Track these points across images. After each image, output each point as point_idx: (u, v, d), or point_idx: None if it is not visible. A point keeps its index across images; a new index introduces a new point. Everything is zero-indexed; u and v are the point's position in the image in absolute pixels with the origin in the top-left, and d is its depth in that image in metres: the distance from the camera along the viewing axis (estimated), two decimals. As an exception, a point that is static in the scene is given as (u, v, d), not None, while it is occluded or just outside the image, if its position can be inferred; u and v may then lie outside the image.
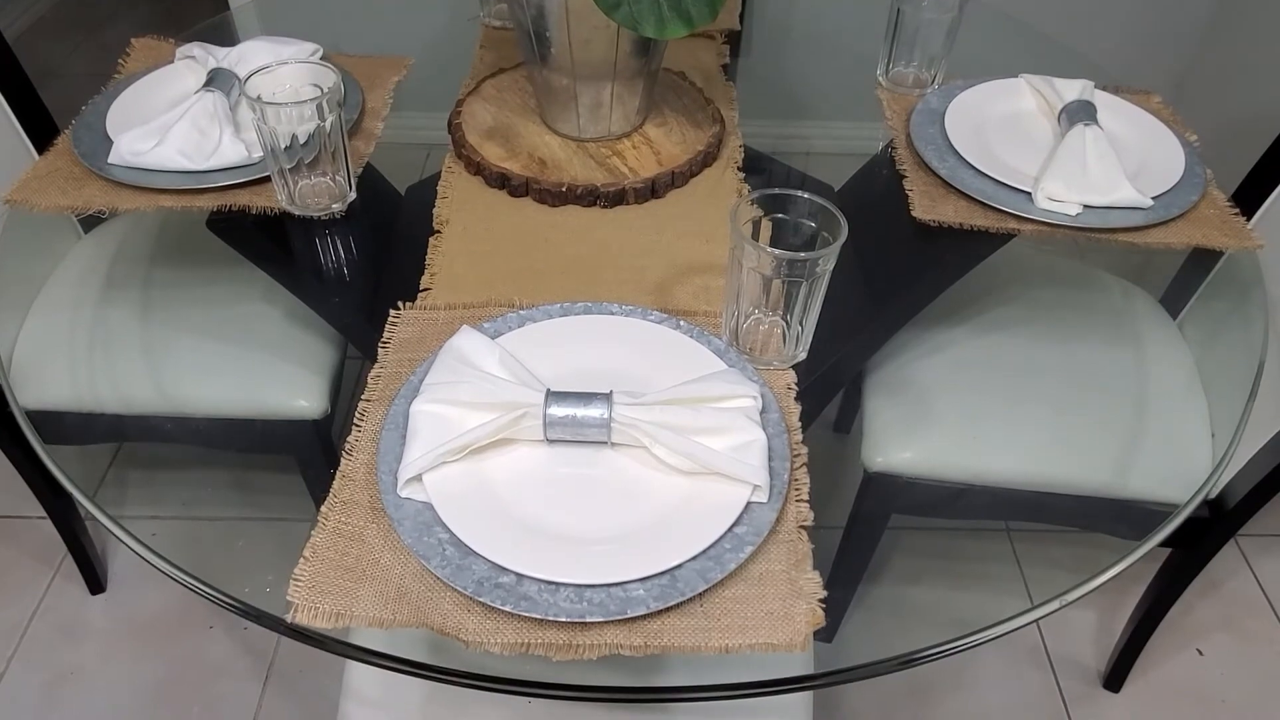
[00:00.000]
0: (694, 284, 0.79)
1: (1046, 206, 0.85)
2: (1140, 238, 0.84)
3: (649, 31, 0.75)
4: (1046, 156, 0.90)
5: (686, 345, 0.71)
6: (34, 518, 1.40)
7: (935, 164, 0.90)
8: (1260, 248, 0.85)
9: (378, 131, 0.96)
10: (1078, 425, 0.92)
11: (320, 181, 0.85)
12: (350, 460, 0.64)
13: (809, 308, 0.68)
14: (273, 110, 0.78)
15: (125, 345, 0.98)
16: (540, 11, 0.83)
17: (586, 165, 0.90)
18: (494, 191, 0.90)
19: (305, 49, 1.01)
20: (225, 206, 0.85)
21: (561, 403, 0.62)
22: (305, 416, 0.96)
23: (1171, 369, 0.99)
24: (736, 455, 0.60)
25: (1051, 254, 1.14)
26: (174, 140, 0.86)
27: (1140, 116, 0.97)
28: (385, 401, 0.68)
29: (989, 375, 0.96)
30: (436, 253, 0.83)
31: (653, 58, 0.89)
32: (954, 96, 0.99)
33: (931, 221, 0.86)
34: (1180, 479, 0.88)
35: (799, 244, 0.69)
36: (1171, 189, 0.87)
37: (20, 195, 0.86)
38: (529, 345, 0.70)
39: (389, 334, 0.74)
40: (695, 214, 0.87)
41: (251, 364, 0.96)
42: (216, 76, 0.93)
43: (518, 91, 1.00)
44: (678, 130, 0.95)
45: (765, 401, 0.65)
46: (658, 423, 0.61)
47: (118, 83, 0.99)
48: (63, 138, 0.92)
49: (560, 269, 0.81)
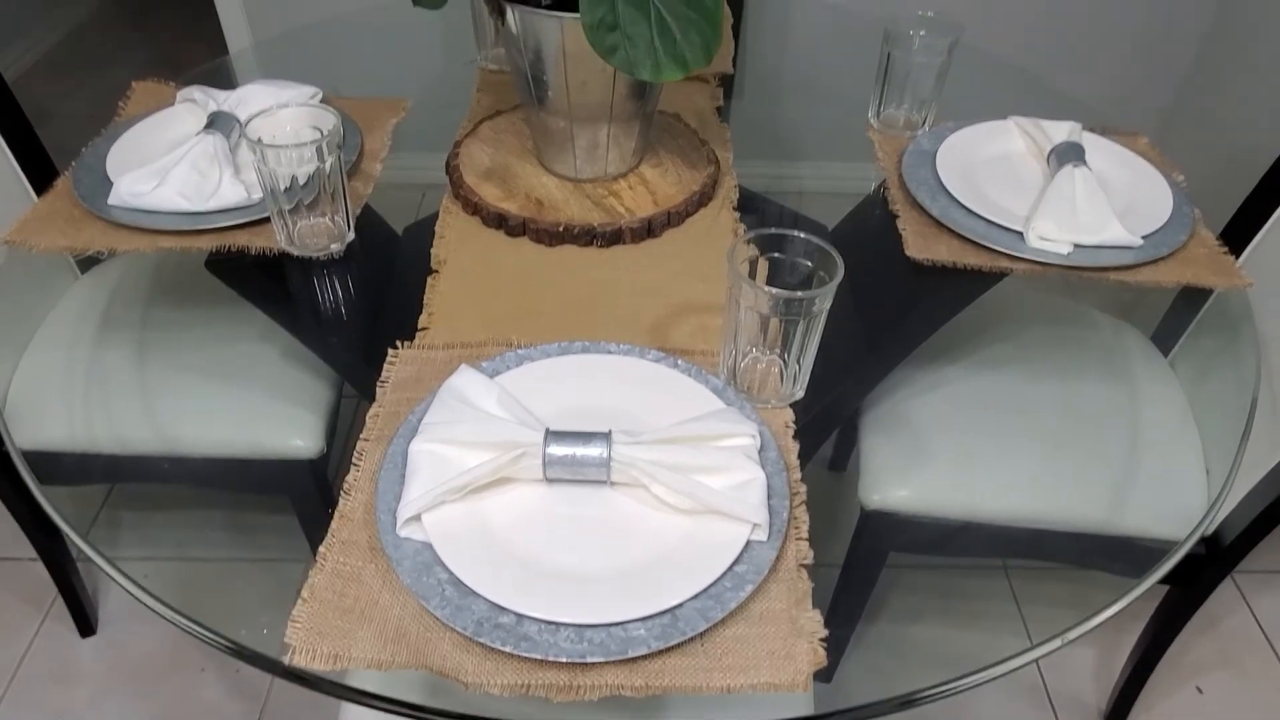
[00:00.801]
0: (691, 323, 0.80)
1: (1038, 245, 0.86)
2: (1131, 276, 0.85)
3: (645, 75, 0.76)
4: (1037, 197, 0.91)
5: (685, 384, 0.71)
6: (24, 559, 1.38)
7: (928, 204, 0.91)
8: (1249, 286, 0.86)
9: (376, 173, 0.97)
10: (1073, 462, 0.92)
11: (319, 222, 0.86)
12: (349, 500, 0.64)
13: (806, 346, 0.69)
14: (273, 152, 0.79)
15: (121, 385, 0.97)
16: (538, 55, 0.85)
17: (583, 205, 0.91)
18: (491, 231, 0.90)
19: (305, 92, 1.02)
20: (224, 247, 0.86)
21: (561, 442, 0.62)
22: (301, 456, 0.95)
23: (1164, 406, 1.00)
24: (736, 494, 0.60)
25: (1043, 292, 1.15)
26: (174, 182, 0.87)
27: (1128, 157, 0.98)
28: (384, 441, 0.68)
29: (984, 412, 0.97)
30: (434, 292, 0.83)
31: (648, 100, 0.91)
32: (944, 138, 1.00)
33: (925, 261, 0.87)
34: (1176, 516, 0.89)
35: (795, 283, 0.69)
36: (1160, 228, 0.88)
37: (19, 236, 0.86)
38: (527, 384, 0.70)
39: (387, 373, 0.74)
40: (692, 253, 0.88)
41: (247, 404, 0.96)
42: (217, 119, 0.94)
43: (515, 133, 1.01)
44: (673, 171, 0.96)
45: (764, 440, 0.66)
46: (657, 462, 0.61)
47: (118, 125, 1.00)
48: (63, 179, 0.92)
49: (558, 308, 0.82)
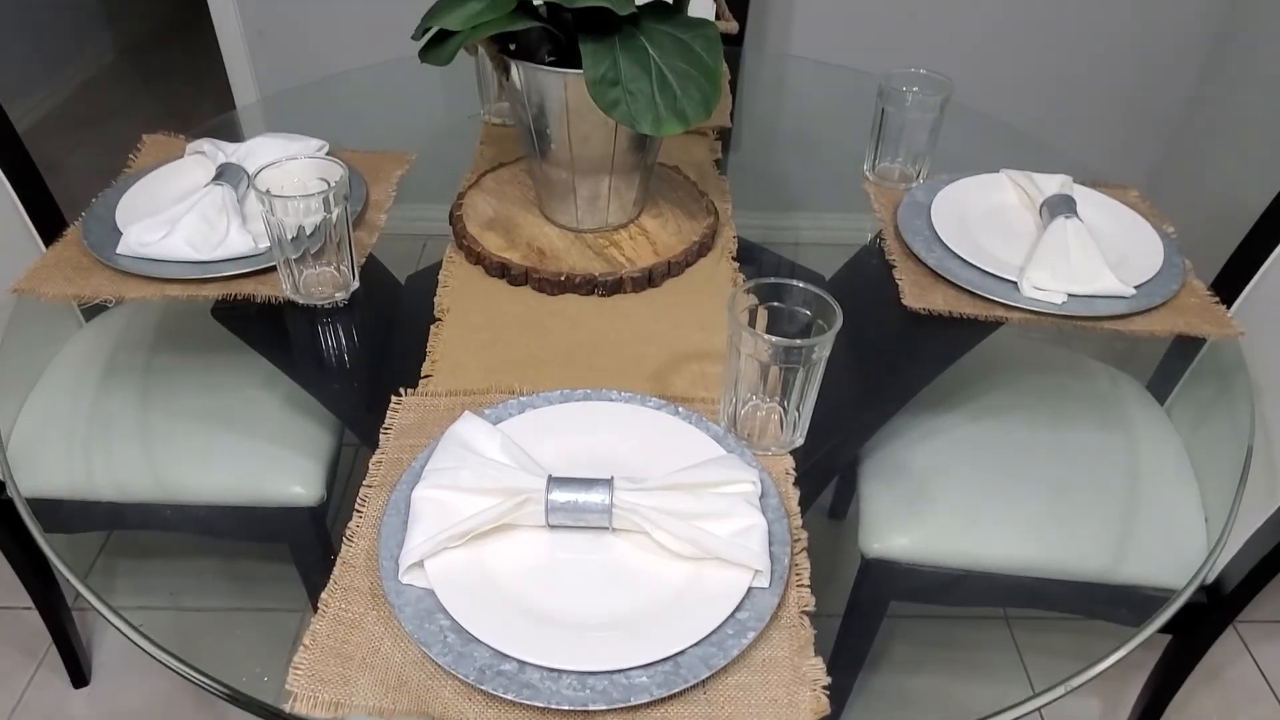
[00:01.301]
0: (692, 371, 0.81)
1: (1032, 295, 0.87)
2: (1124, 325, 0.86)
3: (646, 129, 0.78)
4: (1030, 247, 0.93)
5: (685, 431, 0.72)
6: (19, 608, 1.37)
7: (923, 254, 0.93)
8: (1241, 335, 0.87)
9: (381, 223, 0.98)
10: (1072, 511, 0.93)
11: (325, 271, 0.87)
12: (351, 547, 0.64)
13: (806, 394, 0.70)
14: (280, 203, 0.81)
15: (123, 432, 0.98)
16: (541, 109, 0.87)
17: (585, 255, 0.93)
18: (494, 281, 0.92)
19: (312, 145, 1.04)
20: (230, 295, 0.87)
21: (563, 488, 0.62)
22: (301, 503, 0.95)
23: (1161, 454, 1.00)
24: (737, 540, 0.61)
25: (1038, 341, 1.17)
26: (182, 231, 0.88)
27: (1118, 209, 1.00)
28: (386, 488, 0.68)
29: (982, 461, 0.97)
30: (437, 340, 0.84)
31: (649, 153, 0.93)
32: (939, 190, 1.02)
33: (922, 310, 0.88)
34: (1176, 564, 0.89)
35: (795, 331, 0.70)
36: (1152, 278, 0.90)
37: (28, 284, 0.88)
38: (530, 431, 0.71)
39: (390, 420, 0.75)
40: (692, 302, 0.89)
41: (248, 451, 0.96)
42: (225, 171, 0.96)
43: (517, 184, 1.03)
44: (673, 221, 0.98)
45: (764, 487, 0.66)
46: (659, 508, 0.61)
47: (128, 176, 1.02)
48: (72, 229, 0.94)
49: (560, 356, 0.83)
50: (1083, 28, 1.97)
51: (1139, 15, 1.95)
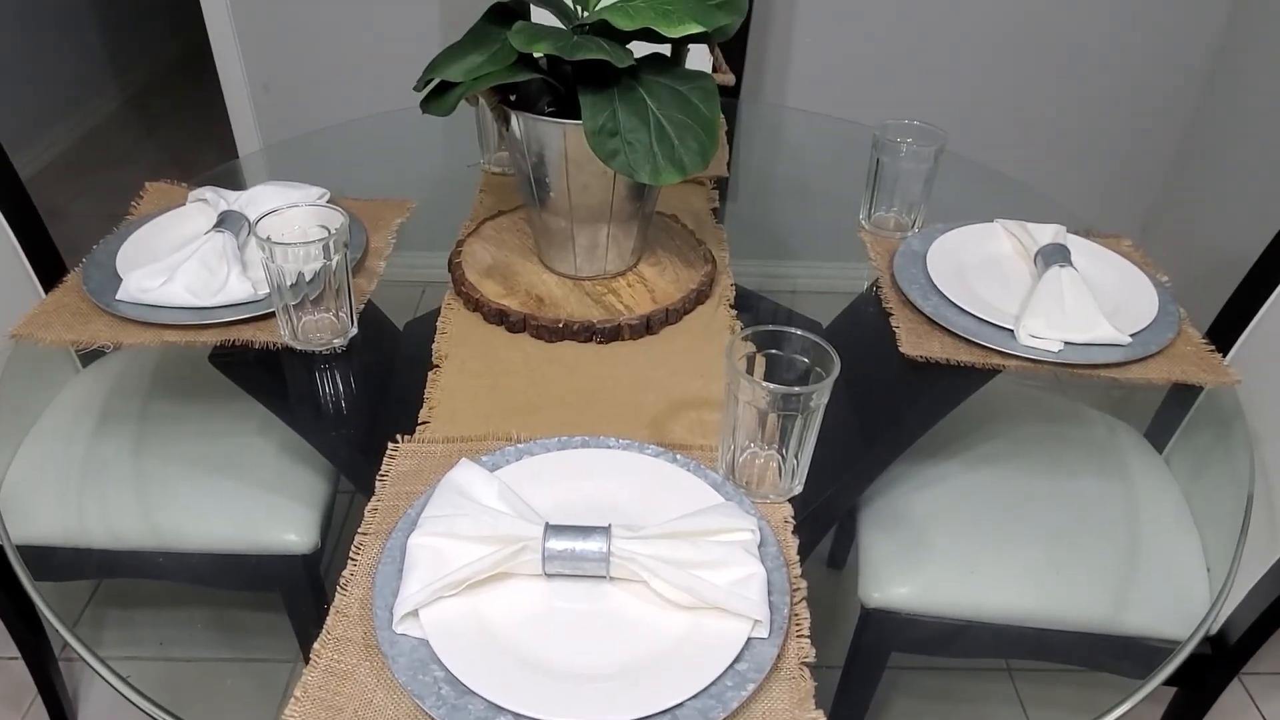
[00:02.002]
0: (690, 418, 0.81)
1: (1029, 343, 0.87)
2: (1121, 373, 0.87)
3: (644, 178, 0.79)
4: (1026, 296, 0.93)
5: (684, 478, 0.71)
6: (3, 658, 1.35)
7: (920, 302, 0.93)
8: (1238, 382, 0.87)
9: (380, 270, 0.99)
10: (1073, 560, 0.92)
11: (323, 317, 0.87)
12: (345, 595, 0.64)
13: (804, 441, 0.70)
14: (281, 249, 0.81)
15: (116, 479, 0.97)
16: (541, 159, 0.88)
17: (583, 302, 0.93)
18: (492, 327, 0.92)
19: (313, 193, 1.05)
20: (228, 341, 0.87)
21: (560, 536, 0.62)
22: (295, 551, 0.94)
23: (1161, 503, 1.00)
24: (736, 589, 0.60)
25: (1035, 389, 1.17)
26: (182, 278, 0.89)
27: (1112, 258, 1.01)
28: (382, 535, 0.68)
29: (982, 509, 0.97)
30: (435, 387, 0.84)
31: (647, 202, 0.94)
32: (934, 239, 1.03)
33: (919, 357, 0.88)
34: (1179, 614, 0.88)
35: (793, 379, 0.70)
36: (1147, 327, 0.90)
37: (26, 330, 0.88)
38: (527, 478, 0.70)
39: (387, 467, 0.74)
40: (690, 350, 0.90)
41: (242, 498, 0.95)
42: (227, 218, 0.97)
43: (516, 232, 1.04)
44: (671, 269, 0.98)
45: (763, 535, 0.66)
46: (657, 556, 0.61)
47: (130, 223, 1.02)
48: (72, 275, 0.94)
49: (558, 403, 0.82)
50: (1072, 80, 2.01)
51: (1128, 67, 1.99)
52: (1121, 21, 1.93)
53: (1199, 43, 1.95)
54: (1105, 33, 1.94)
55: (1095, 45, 1.96)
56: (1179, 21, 1.92)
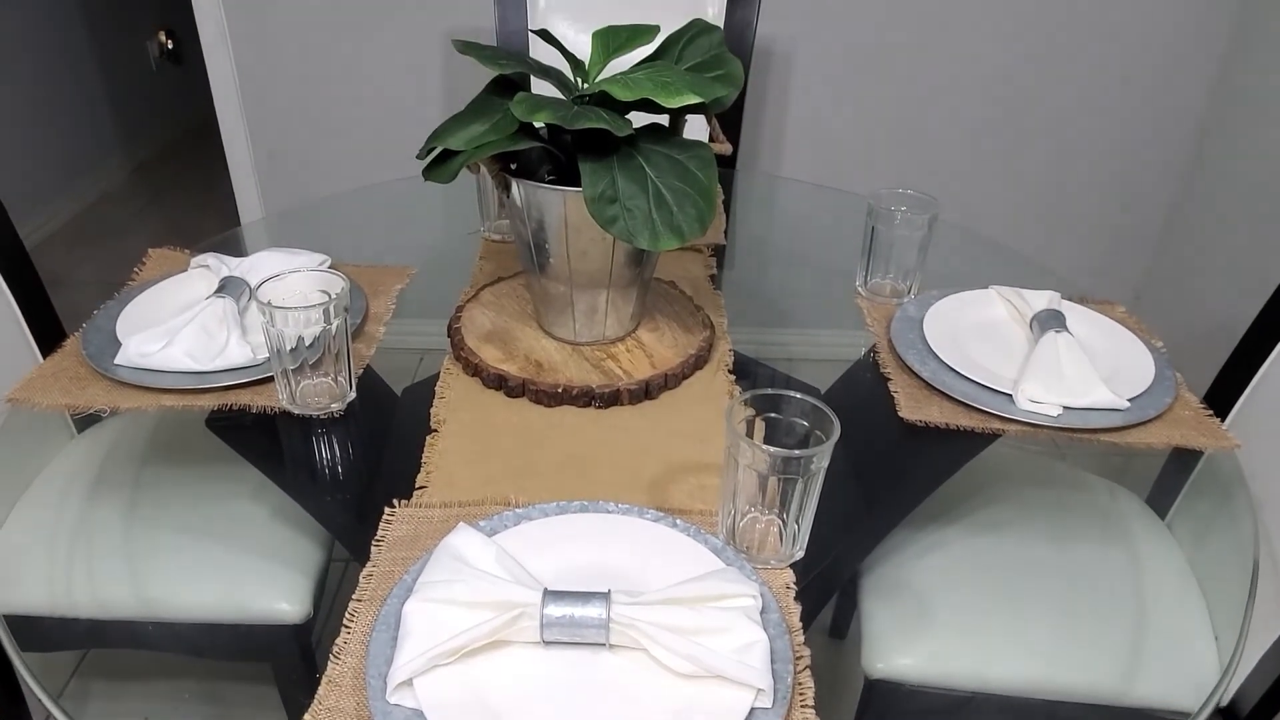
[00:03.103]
0: (689, 483, 0.80)
1: (1028, 407, 0.88)
2: (1120, 438, 0.86)
3: (644, 244, 0.80)
4: (1023, 361, 0.94)
5: (684, 543, 0.70)
6: (-18, 735, 1.30)
7: (918, 367, 0.94)
8: (1238, 447, 0.87)
9: (379, 335, 0.99)
10: (1079, 629, 0.90)
11: (322, 382, 0.87)
12: (337, 664, 0.62)
13: (805, 506, 0.69)
14: (281, 314, 0.81)
15: (107, 546, 0.96)
16: (541, 225, 0.89)
17: (582, 367, 0.93)
18: (491, 392, 0.92)
19: (314, 259, 1.06)
20: (226, 406, 0.87)
21: (559, 602, 0.60)
22: (286, 620, 0.93)
23: (1166, 570, 0.99)
24: (739, 657, 0.59)
25: (1035, 454, 1.16)
26: (182, 342, 0.89)
27: (1107, 324, 1.02)
28: (377, 602, 0.66)
29: (986, 577, 0.95)
30: (433, 451, 0.83)
31: (645, 268, 0.95)
32: (930, 305, 1.04)
33: (918, 422, 0.88)
34: (1190, 684, 0.86)
35: (792, 443, 0.70)
36: (1145, 392, 0.91)
37: (23, 394, 0.87)
38: (525, 544, 0.69)
39: (383, 532, 0.73)
40: (689, 414, 0.89)
41: (234, 565, 0.94)
42: (228, 284, 0.98)
43: (515, 298, 1.05)
44: (670, 335, 0.99)
45: (765, 601, 0.65)
46: (657, 623, 0.60)
47: (131, 288, 1.03)
48: (72, 339, 0.94)
49: (556, 468, 0.82)
50: (1063, 150, 2.05)
51: (1117, 138, 2.03)
52: (1110, 93, 1.98)
53: (1188, 111, 2.00)
54: (1094, 104, 1.99)
55: (1085, 116, 2.01)
56: (1168, 91, 1.97)
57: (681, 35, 0.95)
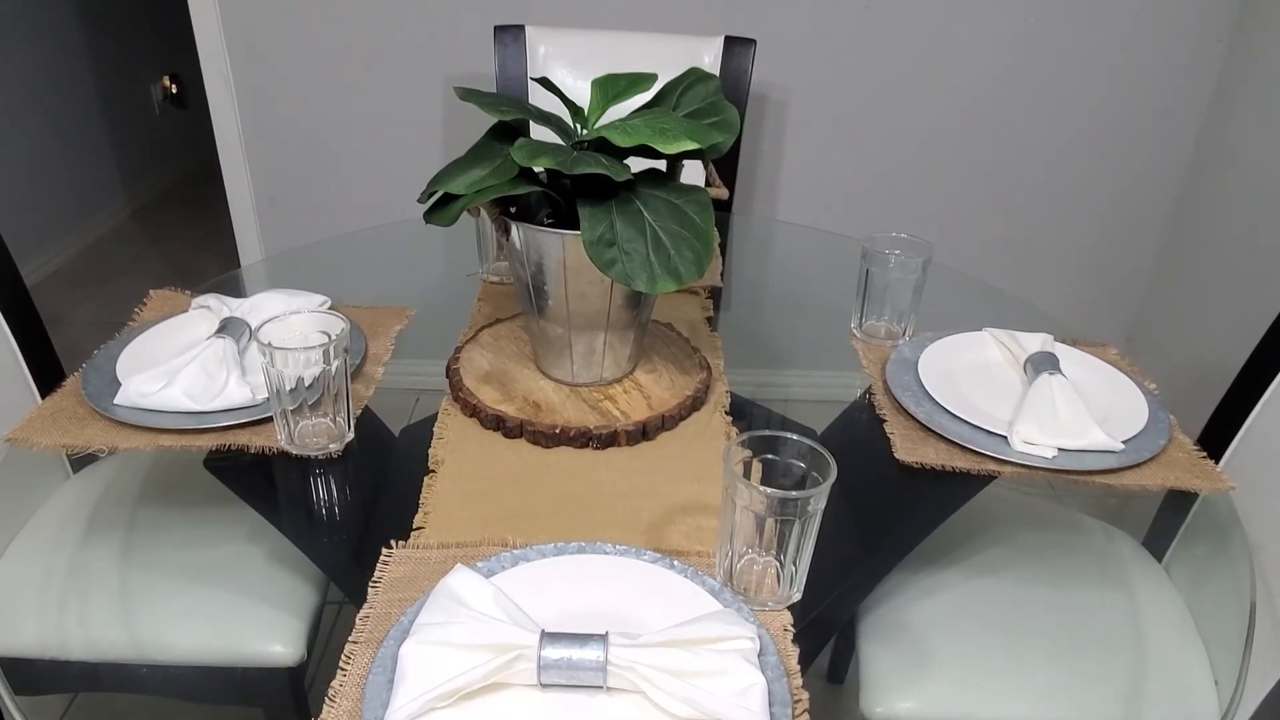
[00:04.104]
0: (686, 524, 0.80)
1: (1023, 449, 0.88)
2: (1115, 479, 0.87)
3: (641, 286, 0.81)
4: (1017, 403, 0.94)
5: (681, 585, 0.70)
6: (-33, 782, 1.28)
7: (913, 409, 0.94)
8: (1232, 489, 0.87)
9: (378, 376, 1.00)
10: (1078, 673, 0.90)
11: (320, 422, 0.88)
12: (332, 708, 0.62)
13: (802, 547, 0.69)
14: (281, 354, 0.82)
15: (100, 588, 0.95)
16: (540, 268, 0.90)
17: (579, 408, 0.94)
18: (489, 433, 0.92)
19: (314, 300, 1.07)
20: (224, 446, 0.87)
21: (556, 644, 0.60)
22: (280, 664, 0.92)
23: (1164, 613, 0.98)
24: (737, 700, 0.58)
25: (1032, 497, 1.16)
26: (182, 382, 0.89)
27: (1100, 366, 1.03)
28: (373, 644, 0.66)
29: (984, 620, 0.95)
30: (431, 492, 0.84)
31: (643, 310, 0.96)
32: (925, 347, 1.05)
33: (914, 463, 0.89)
34: (1190, 729, 0.85)
35: (789, 485, 0.71)
36: (1139, 434, 0.91)
37: (21, 434, 0.87)
38: (522, 585, 0.69)
39: (380, 573, 0.73)
40: (686, 455, 0.90)
41: (229, 607, 0.93)
42: (229, 324, 0.98)
43: (514, 340, 1.06)
44: (667, 376, 0.99)
45: (763, 643, 0.64)
46: (655, 665, 0.59)
47: (132, 329, 1.03)
48: (71, 379, 0.95)
49: (554, 509, 0.82)
50: (1053, 195, 2.08)
51: (1107, 182, 2.06)
52: (1101, 138, 2.01)
53: (1177, 154, 2.03)
54: (1085, 149, 2.02)
55: (1076, 160, 2.04)
56: (1157, 134, 2.01)
57: (679, 83, 0.97)
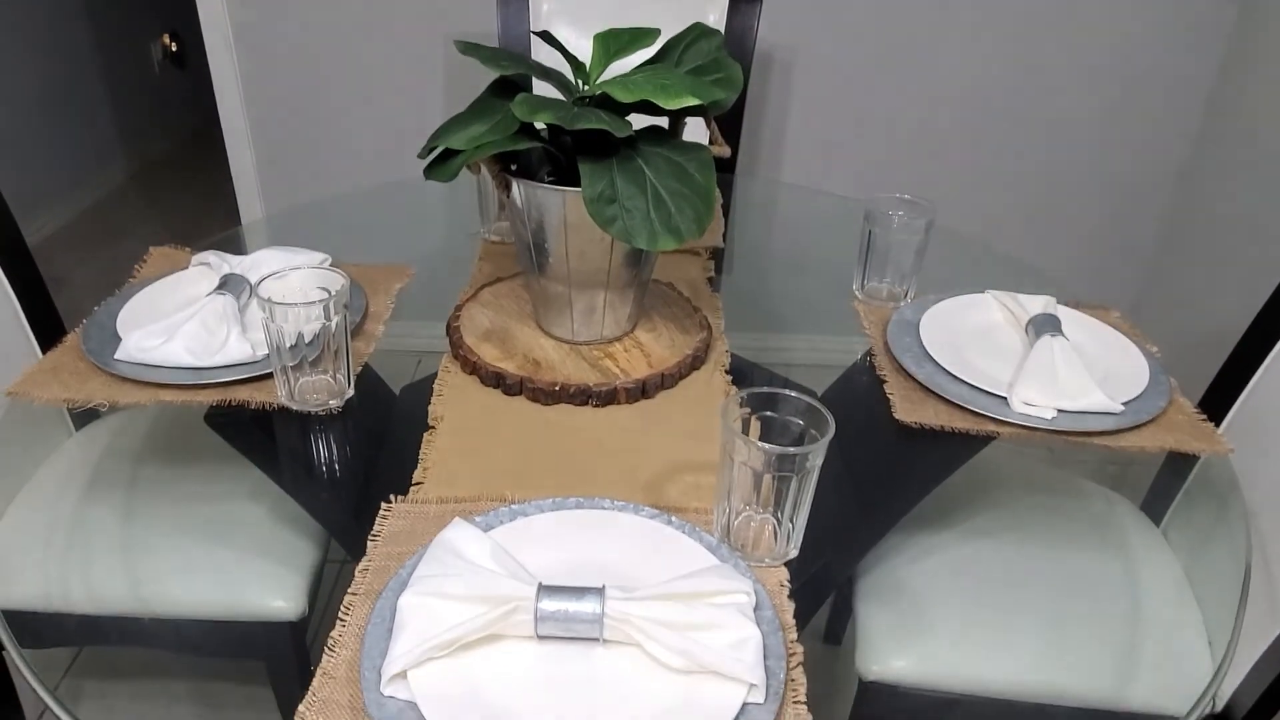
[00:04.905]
0: (685, 481, 0.80)
1: (1022, 410, 0.88)
2: (1114, 441, 0.87)
3: (642, 244, 0.80)
4: (1018, 364, 0.94)
5: (679, 541, 0.71)
6: (-25, 733, 1.30)
7: (913, 369, 0.94)
8: (1231, 452, 0.87)
9: (378, 333, 1.00)
10: (1074, 634, 0.91)
11: (320, 379, 0.88)
12: (332, 657, 0.62)
13: (799, 504, 0.69)
14: (281, 310, 0.82)
15: (103, 543, 0.96)
16: (540, 225, 0.90)
17: (579, 366, 0.93)
18: (489, 390, 0.92)
19: (315, 257, 1.06)
20: (225, 401, 0.87)
21: (553, 597, 0.61)
22: (282, 618, 0.93)
23: (1161, 576, 0.99)
24: (732, 652, 0.59)
25: (1031, 460, 1.17)
26: (182, 338, 0.89)
27: (1101, 329, 1.02)
28: (372, 596, 0.67)
29: (980, 581, 0.96)
30: (430, 448, 0.84)
31: (643, 268, 0.95)
32: (926, 309, 1.04)
33: (913, 424, 0.89)
34: (1182, 690, 0.86)
35: (787, 442, 0.71)
36: (1139, 396, 0.91)
37: (22, 388, 0.88)
38: (520, 539, 0.70)
39: (379, 527, 0.74)
40: (685, 414, 0.90)
41: (230, 563, 0.94)
42: (228, 281, 0.98)
43: (514, 298, 1.05)
44: (667, 335, 0.99)
45: (759, 598, 0.65)
46: (651, 618, 0.60)
47: (132, 285, 1.03)
48: (72, 335, 0.95)
49: (553, 465, 0.82)
50: (1060, 158, 2.06)
51: (1115, 147, 2.04)
52: (1108, 100, 1.99)
53: (1185, 117, 2.01)
54: (1093, 111, 2.00)
55: (1083, 122, 2.02)
56: (1166, 97, 1.98)
57: (682, 39, 0.95)
